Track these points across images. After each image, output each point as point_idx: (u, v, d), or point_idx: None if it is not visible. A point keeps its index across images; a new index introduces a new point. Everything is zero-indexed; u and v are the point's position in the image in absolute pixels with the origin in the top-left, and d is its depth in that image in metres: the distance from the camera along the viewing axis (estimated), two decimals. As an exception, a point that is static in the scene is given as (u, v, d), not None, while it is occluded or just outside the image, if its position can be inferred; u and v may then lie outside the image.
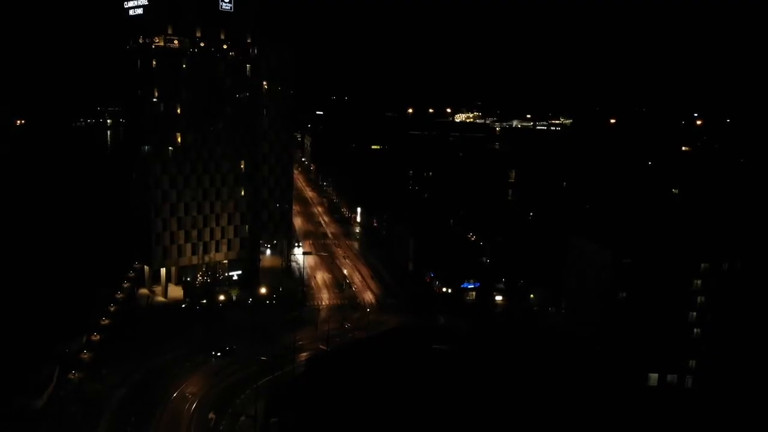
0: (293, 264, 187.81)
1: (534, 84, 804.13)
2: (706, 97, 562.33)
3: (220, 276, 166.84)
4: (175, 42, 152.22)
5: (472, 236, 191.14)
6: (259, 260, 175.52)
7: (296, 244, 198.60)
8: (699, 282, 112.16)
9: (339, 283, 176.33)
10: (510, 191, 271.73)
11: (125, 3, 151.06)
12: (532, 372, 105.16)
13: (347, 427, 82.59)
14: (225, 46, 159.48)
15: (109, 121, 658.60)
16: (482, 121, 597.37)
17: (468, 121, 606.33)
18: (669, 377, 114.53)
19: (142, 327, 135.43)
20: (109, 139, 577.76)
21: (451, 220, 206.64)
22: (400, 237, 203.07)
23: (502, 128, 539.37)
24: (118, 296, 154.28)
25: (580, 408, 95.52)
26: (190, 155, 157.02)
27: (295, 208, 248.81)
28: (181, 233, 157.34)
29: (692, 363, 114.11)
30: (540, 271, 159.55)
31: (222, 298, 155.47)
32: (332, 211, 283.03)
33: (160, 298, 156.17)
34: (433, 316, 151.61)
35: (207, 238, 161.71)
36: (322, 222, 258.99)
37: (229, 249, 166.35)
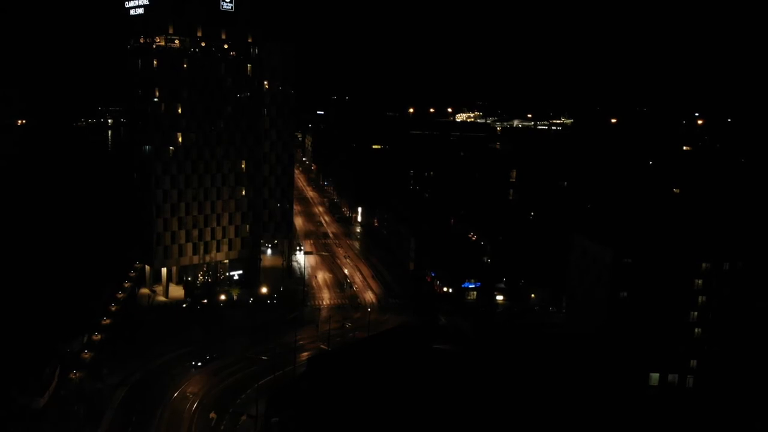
0: (294, 264, 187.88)
1: (535, 84, 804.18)
2: (707, 97, 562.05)
3: (221, 276, 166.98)
4: (176, 42, 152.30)
5: (473, 236, 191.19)
6: (260, 260, 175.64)
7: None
8: (700, 282, 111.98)
9: (340, 283, 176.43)
10: (511, 191, 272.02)
11: (126, 2, 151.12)
12: (533, 372, 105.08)
13: (348, 426, 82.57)
14: (226, 46, 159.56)
15: (110, 120, 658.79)
16: (483, 120, 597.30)
17: (469, 120, 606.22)
18: (670, 377, 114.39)
19: (143, 326, 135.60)
20: (110, 138, 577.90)
21: (452, 220, 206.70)
22: (401, 237, 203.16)
23: (503, 128, 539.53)
24: (120, 296, 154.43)
25: (581, 408, 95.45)
26: (191, 155, 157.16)
27: (296, 207, 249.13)
28: (182, 233, 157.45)
29: (693, 363, 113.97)
30: (541, 271, 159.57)
31: (223, 297, 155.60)
32: (333, 210, 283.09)
33: (161, 298, 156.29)
34: (434, 315, 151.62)
35: (208, 237, 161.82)
36: (323, 222, 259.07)
37: (230, 249, 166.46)
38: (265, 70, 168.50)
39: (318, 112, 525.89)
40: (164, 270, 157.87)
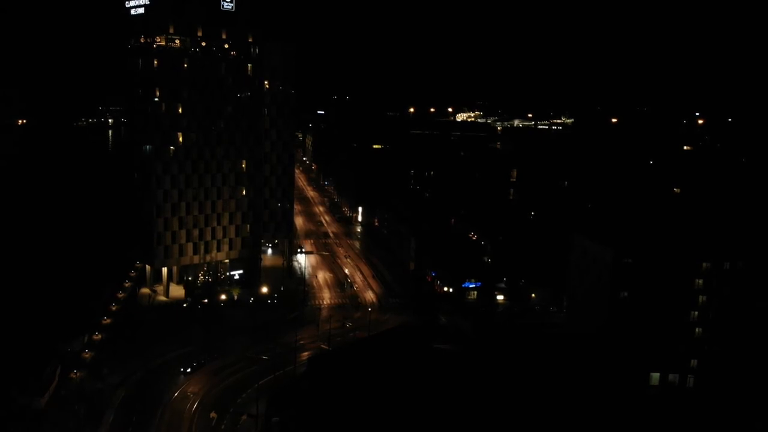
0: (295, 263, 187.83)
1: (535, 83, 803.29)
2: (707, 97, 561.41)
3: (221, 275, 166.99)
4: (177, 41, 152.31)
5: (473, 236, 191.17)
6: (261, 260, 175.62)
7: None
8: (701, 281, 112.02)
9: (340, 283, 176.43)
10: (511, 190, 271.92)
11: (127, 2, 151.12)
12: (534, 372, 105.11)
13: (348, 426, 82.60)
14: (226, 46, 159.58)
15: (110, 120, 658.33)
16: (483, 120, 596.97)
17: (469, 120, 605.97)
18: (671, 377, 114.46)
19: (144, 326, 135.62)
20: (110, 138, 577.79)
21: (453, 220, 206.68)
22: (401, 236, 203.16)
23: (503, 127, 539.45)
24: (120, 295, 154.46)
25: (581, 407, 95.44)
26: (192, 155, 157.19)
27: (297, 207, 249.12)
28: (183, 232, 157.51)
29: (694, 362, 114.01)
30: (541, 271, 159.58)
31: (223, 297, 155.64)
32: (333, 210, 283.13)
33: (162, 298, 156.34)
34: (435, 315, 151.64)
35: (208, 237, 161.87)
36: (324, 221, 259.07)
37: (230, 248, 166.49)
38: (266, 69, 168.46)
39: (318, 112, 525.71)
40: (165, 270, 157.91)
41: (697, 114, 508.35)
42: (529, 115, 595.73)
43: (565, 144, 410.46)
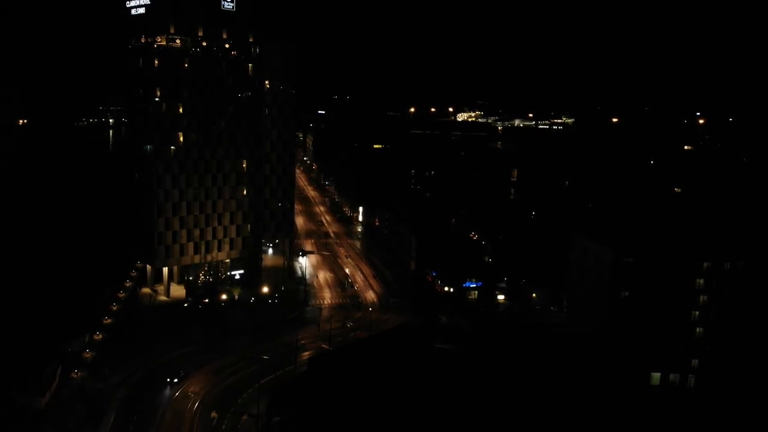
0: (295, 263, 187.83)
1: (536, 83, 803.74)
2: (708, 96, 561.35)
3: (222, 275, 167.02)
4: (177, 41, 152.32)
5: (474, 235, 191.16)
6: (261, 259, 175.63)
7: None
8: (701, 281, 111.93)
9: (341, 283, 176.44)
10: (512, 190, 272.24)
11: (128, 2, 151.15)
12: (534, 371, 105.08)
13: (349, 426, 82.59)
14: (227, 46, 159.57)
15: (111, 120, 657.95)
16: (484, 120, 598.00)
17: (470, 120, 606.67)
18: (671, 376, 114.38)
19: (145, 326, 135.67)
20: (111, 138, 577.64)
21: (453, 220, 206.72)
22: (402, 236, 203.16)
23: (504, 127, 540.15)
24: (121, 295, 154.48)
25: (582, 407, 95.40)
26: (192, 154, 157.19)
27: (297, 207, 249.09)
28: (184, 232, 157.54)
29: (695, 362, 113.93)
30: (542, 271, 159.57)
31: (224, 297, 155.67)
32: (334, 210, 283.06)
33: (163, 297, 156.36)
34: (435, 315, 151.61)
35: (209, 237, 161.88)
36: (324, 221, 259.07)
37: (231, 248, 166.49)
38: (266, 69, 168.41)
39: (319, 112, 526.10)
40: (165, 269, 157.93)
41: (698, 114, 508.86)
42: (530, 115, 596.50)
43: (566, 144, 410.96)
